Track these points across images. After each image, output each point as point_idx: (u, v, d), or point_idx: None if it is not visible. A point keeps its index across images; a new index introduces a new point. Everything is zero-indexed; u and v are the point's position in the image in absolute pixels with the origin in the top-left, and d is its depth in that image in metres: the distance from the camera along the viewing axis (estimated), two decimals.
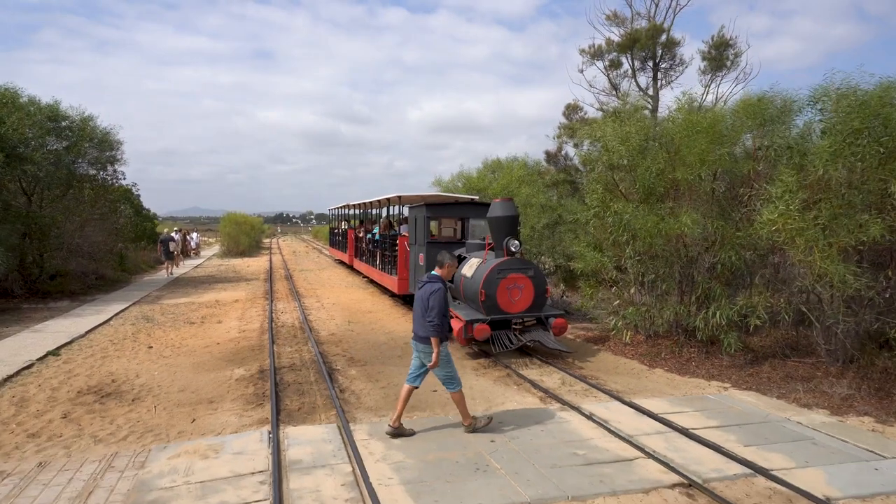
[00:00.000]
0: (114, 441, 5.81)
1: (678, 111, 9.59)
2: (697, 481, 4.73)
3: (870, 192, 6.78)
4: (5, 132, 14.65)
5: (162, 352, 9.76)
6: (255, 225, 44.52)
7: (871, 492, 4.64)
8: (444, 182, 19.89)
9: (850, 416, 6.45)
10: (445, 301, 5.73)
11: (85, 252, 18.54)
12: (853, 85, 7.43)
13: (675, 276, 9.11)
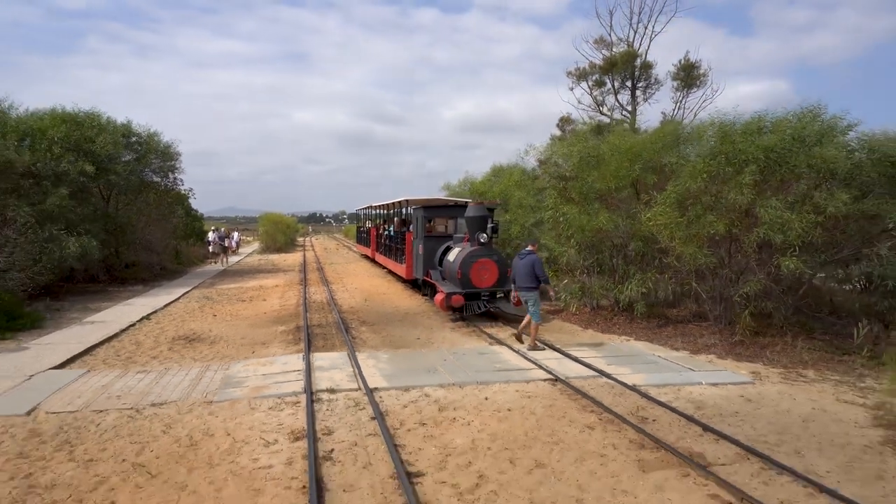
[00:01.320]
0: (205, 360, 9.04)
1: (613, 135, 12.51)
2: (561, 378, 7.74)
3: (718, 200, 9.64)
4: (95, 149, 18.29)
5: (224, 318, 13.07)
6: (290, 224, 48.33)
7: (664, 382, 7.59)
8: (452, 186, 22.99)
9: (700, 354, 9.34)
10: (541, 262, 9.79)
11: (150, 247, 22.17)
12: (728, 121, 10.31)
13: (605, 261, 12.05)
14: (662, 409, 6.61)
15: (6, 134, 16.45)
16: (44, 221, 15.51)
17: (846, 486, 4.72)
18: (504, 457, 5.33)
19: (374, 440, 5.68)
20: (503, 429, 6.00)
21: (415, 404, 6.78)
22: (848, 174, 9.21)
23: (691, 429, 6.03)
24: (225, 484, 4.77)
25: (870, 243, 9.46)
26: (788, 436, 5.85)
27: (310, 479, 4.72)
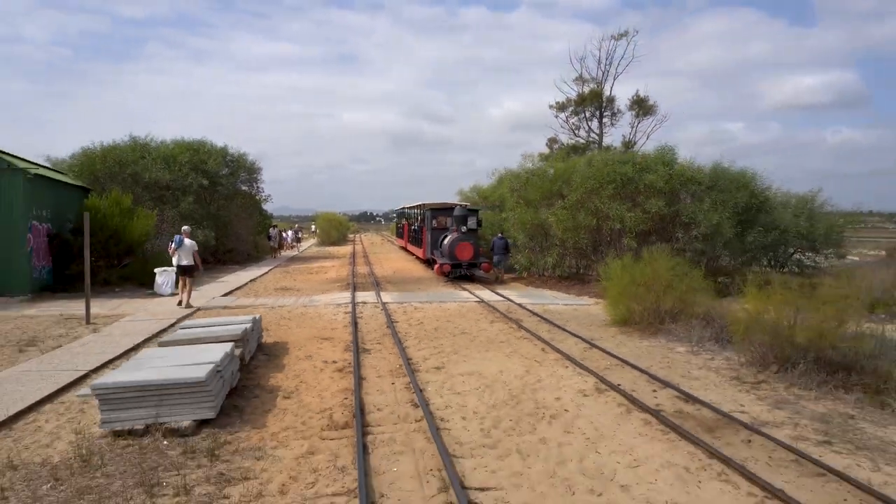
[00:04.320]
0: (296, 296, 16.31)
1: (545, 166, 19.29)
2: (483, 300, 14.66)
3: (587, 206, 16.35)
4: (207, 168, 26.08)
5: (301, 280, 20.44)
6: (342, 222, 56.28)
7: (538, 303, 14.41)
8: (464, 191, 29.96)
9: (572, 295, 16.02)
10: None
11: (240, 238, 29.95)
12: (597, 156, 17.00)
13: (539, 243, 18.86)
14: (524, 311, 13.43)
15: (154, 160, 24.36)
16: (181, 220, 23.30)
17: (578, 331, 11.45)
18: (441, 320, 12.29)
19: (381, 315, 12.74)
20: (443, 315, 12.98)
21: (402, 307, 13.86)
22: (663, 189, 15.79)
23: (530, 316, 12.84)
24: (320, 323, 11.91)
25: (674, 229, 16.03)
26: (572, 319, 12.61)
27: (352, 323, 11.78)
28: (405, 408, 6.58)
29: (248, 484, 4.65)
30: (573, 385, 7.52)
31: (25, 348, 9.37)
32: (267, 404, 6.70)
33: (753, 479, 4.72)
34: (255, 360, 8.68)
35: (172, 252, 14.37)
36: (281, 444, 5.53)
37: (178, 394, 5.76)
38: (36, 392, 6.92)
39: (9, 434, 5.75)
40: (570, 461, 5.18)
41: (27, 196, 15.03)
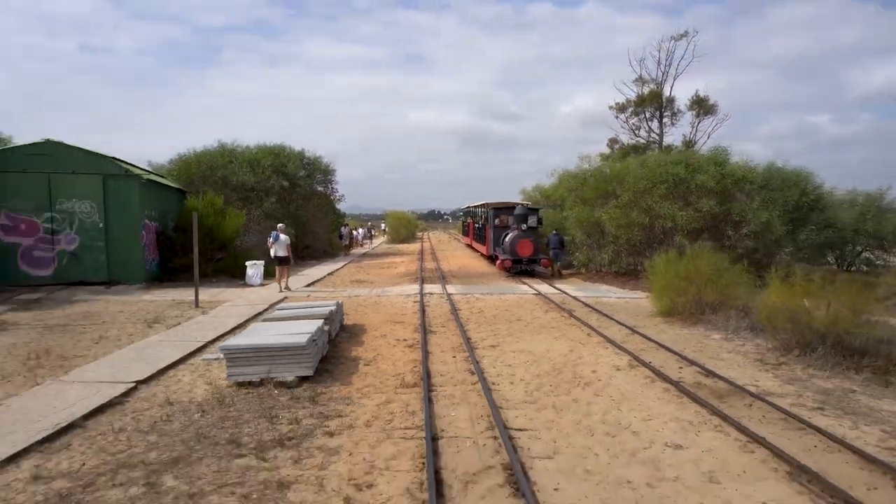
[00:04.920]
0: (370, 287, 17.97)
1: (602, 167, 20.19)
2: (540, 292, 15.84)
3: (640, 205, 17.19)
4: (287, 170, 28.30)
5: (373, 274, 22.17)
6: (411, 220, 58.29)
7: (592, 296, 15.46)
8: (527, 191, 31.03)
9: (627, 289, 16.93)
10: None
11: (317, 236, 32.15)
12: (650, 157, 17.79)
13: (597, 240, 19.80)
14: (577, 303, 14.54)
15: (241, 163, 26.75)
16: (265, 219, 25.55)
17: (623, 320, 12.47)
18: (500, 309, 13.59)
19: (446, 304, 14.15)
20: (502, 304, 14.26)
21: (465, 298, 15.22)
22: (715, 189, 16.47)
23: (582, 307, 13.93)
24: (392, 309, 13.44)
25: (725, 228, 16.66)
26: (620, 310, 13.62)
27: (420, 310, 13.24)
28: (463, 374, 7.95)
29: (341, 419, 6.14)
30: (609, 362, 8.67)
31: (152, 325, 11.34)
32: (351, 369, 8.22)
33: (743, 430, 5.81)
34: (338, 337, 10.25)
35: (270, 245, 16.84)
36: (364, 395, 7.00)
37: (284, 355, 7.35)
38: (171, 356, 8.72)
39: (159, 383, 7.49)
40: (594, 415, 6.40)
41: (141, 198, 17.33)
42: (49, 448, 5.38)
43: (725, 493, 4.57)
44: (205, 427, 5.90)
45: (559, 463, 5.13)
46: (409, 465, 5.06)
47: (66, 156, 16.60)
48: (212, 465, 5.01)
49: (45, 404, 6.47)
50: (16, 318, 11.88)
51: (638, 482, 4.76)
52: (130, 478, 4.77)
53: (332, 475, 4.85)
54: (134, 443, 5.51)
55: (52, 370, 8.01)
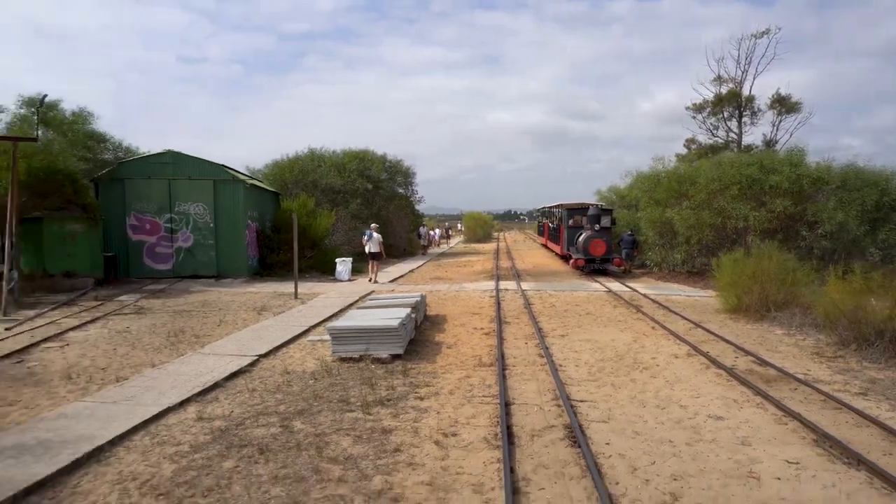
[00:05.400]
0: (449, 283, 19.21)
1: (676, 167, 20.54)
2: (611, 290, 16.55)
3: (712, 206, 17.50)
4: (371, 173, 30.06)
5: (451, 272, 23.42)
6: (487, 221, 59.46)
7: (662, 294, 16.02)
8: (601, 192, 31.45)
9: (697, 288, 17.32)
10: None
11: (397, 235, 33.81)
12: (722, 159, 18.06)
13: (670, 240, 20.20)
14: (646, 300, 15.18)
15: (329, 168, 28.70)
16: (350, 219, 27.36)
17: (689, 315, 13.08)
18: (571, 304, 14.48)
19: (520, 299, 15.16)
20: (573, 300, 15.12)
21: (538, 294, 16.16)
22: (790, 189, 16.61)
23: (650, 304, 14.58)
24: (470, 303, 14.58)
25: (802, 228, 16.75)
26: (688, 307, 14.18)
27: (496, 303, 14.32)
28: (533, 357, 8.98)
29: (429, 388, 7.33)
30: (669, 350, 9.45)
31: (261, 312, 13.01)
32: (435, 351, 9.42)
33: (781, 407, 6.54)
34: (423, 325, 11.50)
35: (365, 242, 19.13)
36: (447, 371, 8.17)
37: (379, 336, 8.63)
38: (282, 336, 10.22)
39: (276, 357, 8.96)
40: (648, 392, 7.28)
41: (245, 201, 19.33)
42: (203, 399, 6.86)
43: (753, 453, 5.39)
44: (319, 390, 7.23)
45: (612, 425, 6.09)
46: (486, 422, 6.17)
47: (183, 164, 18.80)
48: (328, 416, 6.31)
49: (192, 369, 8.03)
50: (150, 305, 13.88)
51: (678, 442, 5.66)
52: (269, 422, 6.13)
53: (424, 426, 6.03)
54: (265, 399, 6.90)
55: (189, 345, 9.68)
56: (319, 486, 4.66)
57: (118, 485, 4.70)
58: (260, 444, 5.52)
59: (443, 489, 4.64)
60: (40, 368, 8.25)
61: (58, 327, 11.03)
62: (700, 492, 4.62)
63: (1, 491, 4.39)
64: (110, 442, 5.46)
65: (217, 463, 5.10)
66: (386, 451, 5.38)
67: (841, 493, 4.59)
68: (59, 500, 4.46)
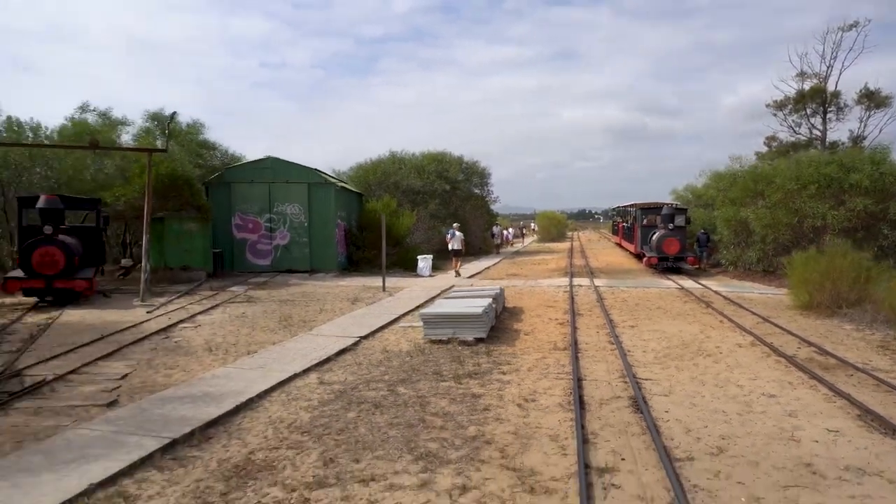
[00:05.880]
0: (524, 280, 20.16)
1: (754, 166, 20.63)
2: (683, 287, 17.04)
3: (788, 205, 17.59)
4: (448, 175, 31.36)
5: (527, 269, 24.33)
6: (561, 220, 59.79)
7: (734, 291, 16.37)
8: (677, 191, 31.45)
9: (772, 286, 17.49)
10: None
11: (473, 234, 34.98)
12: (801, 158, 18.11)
13: (745, 239, 20.33)
14: (717, 296, 15.59)
15: (409, 170, 30.20)
16: (429, 219, 28.73)
17: (758, 311, 13.49)
18: (642, 299, 15.15)
19: (593, 294, 15.95)
20: (644, 296, 15.75)
21: (611, 290, 16.88)
22: (871, 188, 16.52)
23: (721, 300, 15.01)
24: (544, 297, 15.52)
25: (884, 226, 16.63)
26: (759, 304, 14.54)
27: (570, 298, 15.18)
28: (604, 343, 9.88)
29: (509, 366, 8.40)
30: (733, 341, 10.10)
31: (355, 302, 14.45)
32: (513, 337, 10.48)
33: (833, 388, 7.19)
34: (502, 315, 12.56)
35: (448, 240, 20.93)
36: (525, 353, 9.22)
37: (465, 321, 9.77)
38: (376, 322, 11.55)
39: (374, 339, 10.27)
40: (708, 374, 8.05)
41: (335, 202, 21.00)
42: (321, 369, 8.21)
43: (797, 422, 6.14)
44: (415, 364, 8.45)
45: (672, 398, 6.96)
46: (561, 392, 7.17)
47: (281, 168, 20.67)
48: (426, 384, 7.49)
49: (307, 346, 9.44)
50: (257, 295, 15.64)
51: (730, 412, 6.47)
52: (377, 387, 7.37)
53: (507, 393, 7.10)
54: (371, 371, 8.17)
55: (299, 328, 11.16)
56: (426, 431, 5.83)
57: (270, 425, 6.04)
58: (373, 401, 6.76)
59: (525, 437, 5.71)
60: (184, 343, 9.91)
61: (187, 312, 12.83)
62: (744, 447, 5.47)
63: (189, 423, 5.81)
64: (257, 396, 6.86)
65: (342, 413, 6.37)
66: (476, 409, 6.49)
67: (870, 454, 5.32)
68: (230, 432, 5.84)
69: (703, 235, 21.31)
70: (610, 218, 73.86)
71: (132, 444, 5.32)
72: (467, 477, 4.81)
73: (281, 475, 4.87)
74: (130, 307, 13.40)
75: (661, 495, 4.52)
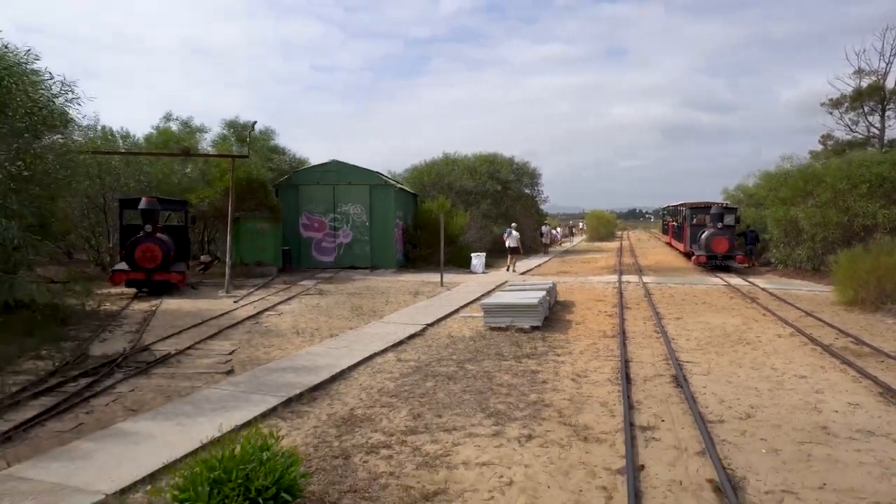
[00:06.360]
0: (574, 277, 20.98)
1: (806, 165, 20.89)
2: (730, 284, 17.58)
3: (838, 205, 17.88)
4: (500, 175, 32.33)
5: (576, 267, 25.11)
6: (610, 219, 59.96)
7: (781, 288, 16.83)
8: (728, 190, 31.55)
9: (821, 284, 17.82)
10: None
11: (523, 234, 35.80)
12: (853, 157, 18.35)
13: (795, 238, 20.62)
14: (763, 293, 16.11)
15: (462, 171, 31.31)
16: (481, 218, 29.76)
17: (802, 306, 14.03)
18: (689, 295, 15.83)
19: (641, 290, 16.69)
20: (691, 292, 16.41)
21: (658, 286, 17.57)
22: None
23: (767, 296, 15.54)
24: (594, 292, 16.37)
25: None
26: (804, 300, 15.01)
27: (618, 293, 15.98)
28: (650, 332, 10.75)
29: (563, 349, 9.39)
30: (773, 332, 10.80)
31: (416, 295, 15.64)
32: (566, 326, 11.44)
33: (861, 371, 7.91)
34: (554, 307, 13.52)
35: (505, 239, 22.37)
36: (577, 339, 10.18)
37: (522, 311, 10.80)
38: (439, 313, 12.68)
39: (439, 326, 11.41)
40: (746, 358, 8.86)
41: (395, 203, 22.30)
42: (396, 350, 9.39)
43: (822, 398, 6.94)
44: (478, 347, 9.53)
45: (710, 377, 7.83)
46: (609, 370, 8.14)
47: (345, 171, 22.09)
48: (490, 362, 8.56)
49: (380, 331, 10.64)
50: (326, 288, 17.03)
51: (762, 389, 7.30)
52: (448, 364, 8.49)
53: (562, 371, 8.11)
54: (440, 352, 9.30)
55: (370, 317, 12.40)
56: (494, 396, 6.91)
57: (363, 390, 7.23)
58: (446, 375, 7.88)
59: (578, 403, 6.71)
60: (273, 327, 11.27)
61: (267, 302, 14.26)
62: (770, 414, 6.33)
63: (297, 387, 7.04)
64: (347, 368, 8.07)
65: (421, 383, 7.51)
66: (535, 382, 7.53)
67: (883, 421, 6.11)
68: (330, 395, 7.05)
69: (752, 234, 21.70)
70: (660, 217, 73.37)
71: (256, 400, 6.58)
72: (531, 429, 5.86)
73: (379, 425, 6.02)
74: (217, 297, 14.94)
75: (693, 446, 5.46)
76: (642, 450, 5.41)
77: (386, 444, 5.51)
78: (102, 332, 10.43)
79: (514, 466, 5.03)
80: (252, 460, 3.81)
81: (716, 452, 5.20)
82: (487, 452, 5.32)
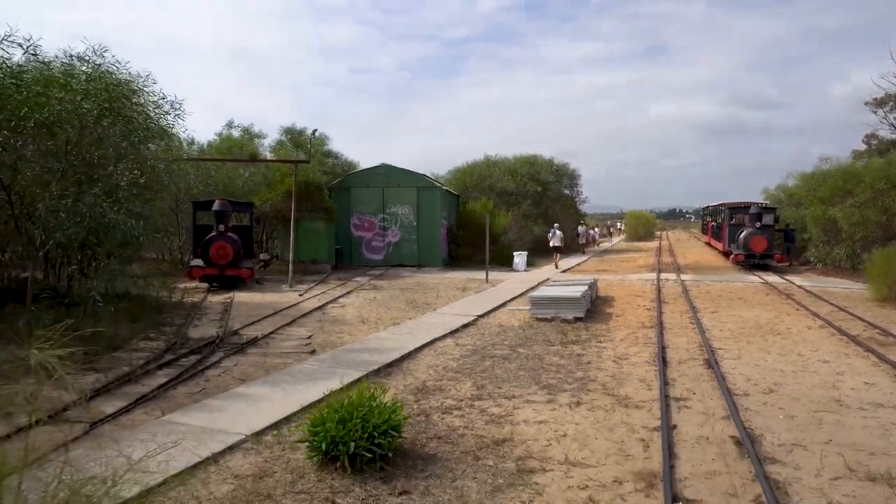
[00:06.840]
0: (612, 275, 21.75)
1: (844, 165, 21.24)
2: (767, 281, 18.14)
3: (877, 204, 18.25)
4: (540, 177, 33.17)
5: (615, 266, 25.82)
6: (649, 219, 60.08)
7: (818, 286, 17.34)
8: (769, 190, 31.75)
9: (858, 282, 18.22)
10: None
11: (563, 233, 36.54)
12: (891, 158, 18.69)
13: (834, 237, 20.99)
14: (799, 290, 16.66)
15: (503, 173, 32.28)
16: (522, 218, 30.68)
17: (837, 302, 14.58)
18: (725, 291, 16.51)
19: (678, 287, 17.41)
20: (727, 288, 17.06)
21: (696, 283, 18.26)
22: None
23: (802, 293, 16.10)
24: (633, 288, 17.15)
25: None
26: (839, 297, 15.53)
27: (657, 289, 16.75)
28: (685, 323, 11.59)
29: (605, 337, 10.34)
30: (804, 324, 11.52)
31: (464, 290, 16.71)
32: (607, 318, 12.36)
33: (882, 357, 8.64)
34: (595, 301, 14.41)
35: (549, 238, 23.67)
36: (617, 329, 11.11)
37: (566, 303, 11.76)
38: (488, 306, 13.72)
39: (489, 317, 12.45)
40: (774, 346, 9.66)
41: (440, 204, 23.43)
42: (454, 336, 10.47)
43: (841, 378, 7.74)
44: (527, 335, 10.55)
45: (739, 361, 8.68)
46: (647, 354, 9.06)
47: (393, 174, 23.33)
48: (539, 347, 9.57)
49: (437, 322, 11.74)
50: (379, 284, 18.25)
51: (786, 371, 8.13)
52: (501, 347, 9.53)
53: (605, 354, 9.07)
54: (493, 339, 10.34)
55: (425, 309, 13.53)
56: (545, 373, 7.93)
57: (430, 368, 8.33)
58: (501, 356, 8.93)
59: (620, 379, 7.68)
60: (339, 317, 12.49)
61: (329, 296, 15.52)
62: (791, 390, 7.19)
63: (373, 364, 8.18)
64: (413, 350, 9.18)
65: (479, 362, 8.57)
66: (581, 363, 8.52)
67: (894, 397, 6.91)
68: (402, 371, 8.17)
69: (790, 232, 22.18)
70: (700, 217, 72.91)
71: (341, 373, 7.72)
72: (579, 398, 6.87)
73: (449, 393, 7.11)
74: (282, 291, 16.28)
75: (719, 412, 6.39)
76: (675, 414, 6.36)
77: (457, 406, 6.58)
78: (193, 319, 11.80)
79: (567, 424, 6.04)
80: (365, 406, 4.92)
81: (739, 417, 6.11)
82: (543, 414, 6.35)
